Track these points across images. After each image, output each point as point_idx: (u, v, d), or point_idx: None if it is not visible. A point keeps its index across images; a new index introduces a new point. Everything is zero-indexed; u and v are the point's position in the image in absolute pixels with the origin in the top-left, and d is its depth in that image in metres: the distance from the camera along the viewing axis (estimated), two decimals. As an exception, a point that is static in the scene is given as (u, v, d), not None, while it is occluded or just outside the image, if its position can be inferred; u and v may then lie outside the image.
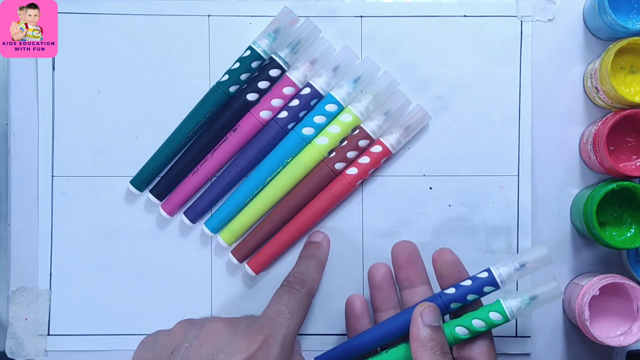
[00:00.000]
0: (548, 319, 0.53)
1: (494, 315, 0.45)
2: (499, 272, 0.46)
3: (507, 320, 0.45)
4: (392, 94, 0.51)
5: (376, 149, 0.51)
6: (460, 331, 0.45)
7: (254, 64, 0.52)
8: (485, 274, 0.46)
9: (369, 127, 0.51)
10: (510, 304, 0.45)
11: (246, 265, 0.52)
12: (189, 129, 0.52)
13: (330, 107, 0.51)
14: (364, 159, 0.51)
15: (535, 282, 0.51)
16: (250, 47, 0.52)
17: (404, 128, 0.51)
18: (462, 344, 0.46)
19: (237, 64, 0.52)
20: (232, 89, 0.52)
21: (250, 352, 0.40)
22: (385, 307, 0.49)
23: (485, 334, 0.46)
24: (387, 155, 0.52)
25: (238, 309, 0.53)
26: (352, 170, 0.51)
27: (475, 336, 0.46)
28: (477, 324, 0.45)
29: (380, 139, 0.52)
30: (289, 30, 0.51)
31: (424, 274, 0.49)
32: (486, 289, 0.46)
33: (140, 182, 0.53)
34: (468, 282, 0.46)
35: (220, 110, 0.52)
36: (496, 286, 0.46)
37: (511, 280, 0.46)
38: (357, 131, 0.52)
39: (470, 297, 0.46)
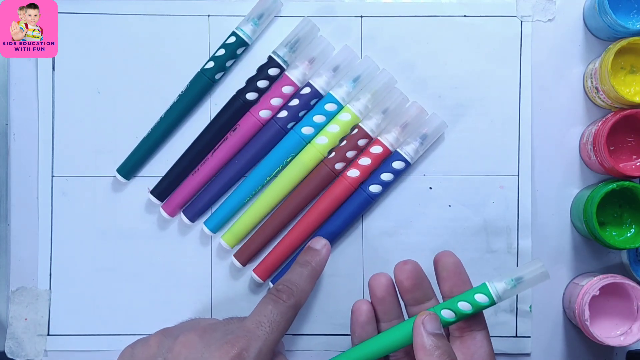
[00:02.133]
0: (548, 319, 0.53)
1: (480, 298, 0.45)
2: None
3: (493, 302, 0.44)
4: (390, 92, 0.51)
5: (375, 148, 0.51)
6: (447, 314, 0.45)
7: (239, 51, 0.52)
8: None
9: (368, 126, 0.51)
10: (496, 286, 0.44)
11: (253, 273, 0.52)
12: (174, 115, 0.53)
13: (330, 107, 0.51)
14: (365, 160, 0.51)
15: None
16: (234, 33, 0.52)
17: (402, 126, 0.51)
18: (460, 339, 0.46)
19: (222, 51, 0.52)
20: (218, 75, 0.52)
21: None
22: (388, 318, 0.48)
23: (483, 332, 0.46)
24: (387, 155, 0.52)
25: (238, 309, 0.53)
26: (354, 173, 0.51)
27: (473, 331, 0.45)
28: (464, 306, 0.45)
29: (379, 137, 0.52)
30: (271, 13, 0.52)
31: (430, 290, 0.47)
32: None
33: (126, 170, 0.53)
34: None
35: (220, 110, 0.53)
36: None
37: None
38: (356, 130, 0.52)
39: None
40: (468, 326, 0.46)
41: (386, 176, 0.51)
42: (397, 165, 0.51)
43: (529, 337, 0.53)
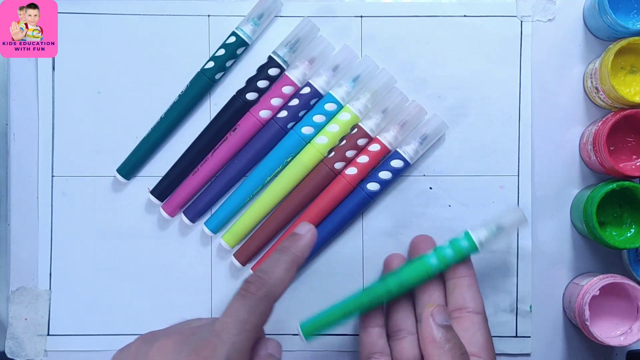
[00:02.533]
0: (548, 319, 0.53)
1: (463, 243, 0.47)
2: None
3: (475, 249, 0.47)
4: (389, 92, 0.51)
5: (374, 147, 0.51)
6: (432, 261, 0.47)
7: (239, 51, 0.52)
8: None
9: (367, 125, 0.51)
10: (478, 234, 0.47)
11: (251, 271, 0.53)
12: (174, 115, 0.53)
13: (330, 107, 0.51)
14: (363, 158, 0.51)
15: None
16: (234, 33, 0.52)
17: (400, 125, 0.51)
18: (458, 320, 0.46)
19: (222, 51, 0.52)
20: (218, 75, 0.52)
21: None
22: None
23: (482, 323, 0.46)
24: (386, 154, 0.52)
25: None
26: (352, 170, 0.51)
27: (470, 313, 0.46)
28: (448, 253, 0.47)
29: (378, 137, 0.52)
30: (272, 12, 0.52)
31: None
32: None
33: (126, 170, 0.53)
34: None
35: (220, 110, 0.53)
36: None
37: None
38: (356, 130, 0.52)
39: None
40: (455, 274, 0.47)
41: (384, 174, 0.51)
42: (396, 163, 0.51)
43: (529, 337, 0.53)
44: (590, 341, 0.52)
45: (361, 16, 0.53)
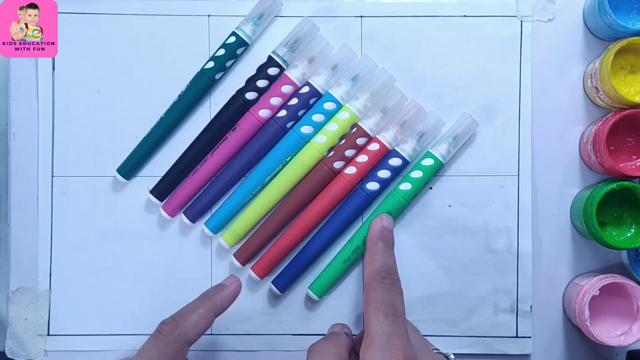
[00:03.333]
0: (548, 319, 0.53)
1: (428, 161, 0.51)
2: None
3: (440, 164, 0.51)
4: (388, 91, 0.51)
5: (373, 146, 0.51)
6: (405, 186, 0.51)
7: (239, 51, 0.52)
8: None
9: (367, 125, 0.51)
10: (438, 149, 0.51)
11: (250, 271, 0.53)
12: (174, 115, 0.53)
13: (329, 106, 0.51)
14: (362, 158, 0.51)
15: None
16: (234, 33, 0.52)
17: (400, 124, 0.51)
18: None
19: (222, 51, 0.52)
20: (218, 75, 0.52)
21: None
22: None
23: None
24: (385, 153, 0.52)
25: (238, 309, 0.53)
26: (351, 170, 0.51)
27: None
28: (416, 174, 0.51)
29: (377, 136, 0.52)
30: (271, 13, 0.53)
31: None
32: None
33: (126, 170, 0.53)
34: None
35: (220, 110, 0.53)
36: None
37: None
38: (355, 129, 0.52)
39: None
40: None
41: (383, 173, 0.51)
42: (394, 162, 0.51)
43: (530, 337, 0.53)
44: (590, 341, 0.52)
45: (361, 16, 0.53)
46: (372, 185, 0.51)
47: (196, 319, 0.44)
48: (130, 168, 0.53)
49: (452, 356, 0.45)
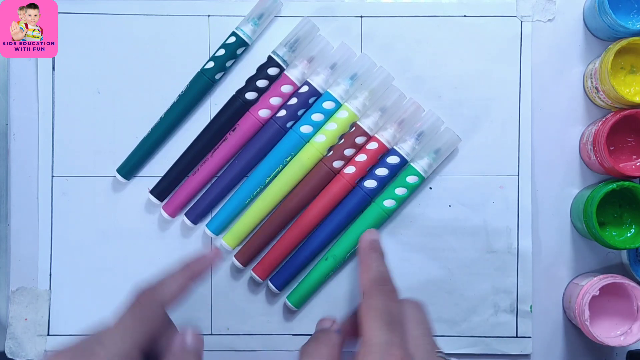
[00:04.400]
0: (548, 319, 0.53)
1: (411, 179, 0.51)
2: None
3: (423, 179, 0.51)
4: (387, 90, 0.51)
5: (372, 145, 0.51)
6: (388, 203, 0.51)
7: (239, 51, 0.52)
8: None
9: (366, 124, 0.51)
10: (420, 164, 0.51)
11: (252, 272, 0.53)
12: (174, 115, 0.53)
13: (328, 105, 0.51)
14: (362, 157, 0.51)
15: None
16: (234, 33, 0.52)
17: (398, 123, 0.51)
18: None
19: (222, 51, 0.52)
20: (218, 75, 0.52)
21: None
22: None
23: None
24: (383, 152, 0.52)
25: (238, 309, 0.53)
26: (350, 169, 0.51)
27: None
28: (400, 191, 0.51)
29: (376, 135, 0.52)
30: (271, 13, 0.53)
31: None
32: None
33: (126, 170, 0.53)
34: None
35: (220, 110, 0.53)
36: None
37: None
38: (354, 129, 0.52)
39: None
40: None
41: (381, 171, 0.51)
42: (392, 160, 0.51)
43: (530, 337, 0.53)
44: (590, 341, 0.52)
45: (361, 16, 0.53)
46: (370, 183, 0.51)
47: (173, 285, 0.44)
48: (130, 168, 0.53)
49: None
